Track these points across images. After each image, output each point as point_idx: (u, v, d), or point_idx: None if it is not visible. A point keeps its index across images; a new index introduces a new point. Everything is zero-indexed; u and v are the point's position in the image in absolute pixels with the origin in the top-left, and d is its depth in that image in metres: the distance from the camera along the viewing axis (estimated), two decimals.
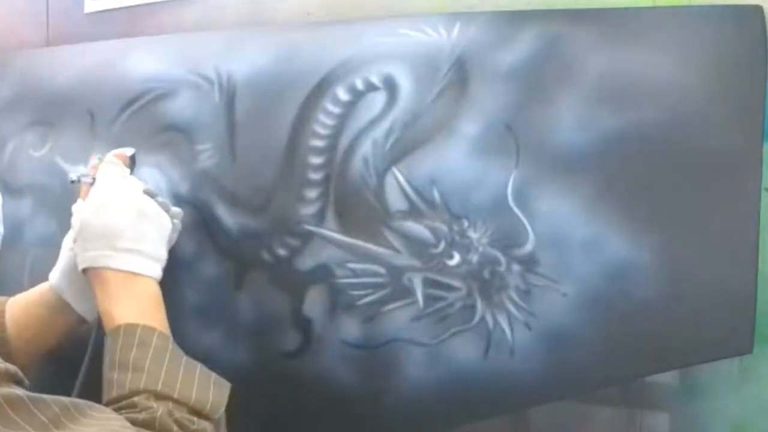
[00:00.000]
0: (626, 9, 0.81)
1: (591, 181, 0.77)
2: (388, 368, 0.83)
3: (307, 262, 0.87)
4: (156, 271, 0.82)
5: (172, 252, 0.88)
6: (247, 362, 0.90)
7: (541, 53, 0.81)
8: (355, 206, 0.85)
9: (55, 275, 0.88)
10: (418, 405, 0.83)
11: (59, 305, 0.87)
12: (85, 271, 0.82)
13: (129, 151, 0.93)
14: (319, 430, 0.89)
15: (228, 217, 0.92)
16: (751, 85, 0.74)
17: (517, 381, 0.78)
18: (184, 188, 0.95)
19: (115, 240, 0.80)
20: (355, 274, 0.85)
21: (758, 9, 0.74)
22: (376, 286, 0.84)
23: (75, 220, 0.85)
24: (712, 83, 0.75)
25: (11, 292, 0.88)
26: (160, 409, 0.69)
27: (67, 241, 0.88)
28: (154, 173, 0.96)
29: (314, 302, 0.86)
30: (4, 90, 1.15)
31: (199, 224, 0.93)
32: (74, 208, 0.87)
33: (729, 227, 0.73)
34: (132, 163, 0.92)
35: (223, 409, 0.75)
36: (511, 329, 0.78)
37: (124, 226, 0.81)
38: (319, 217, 0.87)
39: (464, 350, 0.80)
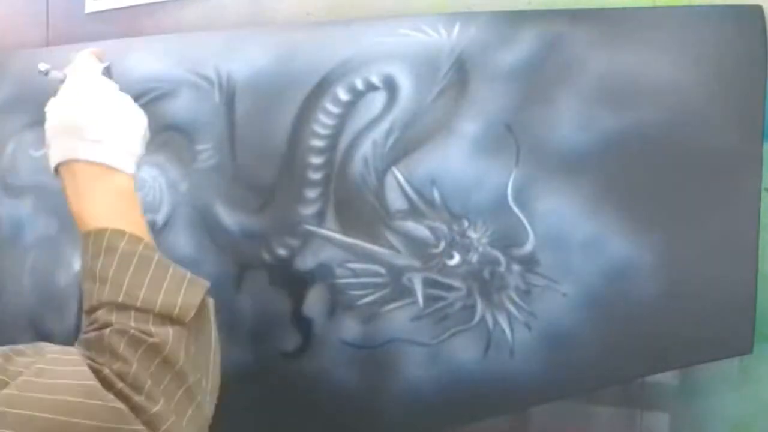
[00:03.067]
0: (626, 9, 0.80)
1: (591, 181, 0.77)
2: (387, 368, 0.83)
3: (307, 262, 0.87)
4: (129, 165, 0.75)
5: (172, 252, 0.88)
6: (247, 362, 0.90)
7: (541, 53, 0.81)
8: (355, 206, 0.85)
9: None
10: (418, 405, 0.83)
11: None
12: (57, 171, 0.75)
13: (104, 62, 0.85)
14: (319, 430, 0.89)
15: (228, 217, 0.92)
16: (751, 85, 0.74)
17: (517, 381, 0.78)
18: (184, 188, 0.95)
19: (83, 131, 0.74)
20: (355, 274, 0.85)
21: (758, 9, 0.74)
22: (376, 286, 0.84)
23: (48, 119, 0.77)
24: (712, 83, 0.75)
25: (11, 291, 0.88)
26: (113, 324, 0.65)
27: None
28: (154, 173, 0.97)
29: (314, 302, 0.86)
30: (4, 90, 1.14)
31: (199, 224, 0.93)
32: (46, 108, 0.79)
33: (729, 227, 0.73)
34: (108, 75, 0.84)
35: (193, 311, 0.69)
36: (511, 329, 0.78)
37: (93, 117, 0.75)
38: (319, 217, 0.87)
39: (464, 350, 0.80)
